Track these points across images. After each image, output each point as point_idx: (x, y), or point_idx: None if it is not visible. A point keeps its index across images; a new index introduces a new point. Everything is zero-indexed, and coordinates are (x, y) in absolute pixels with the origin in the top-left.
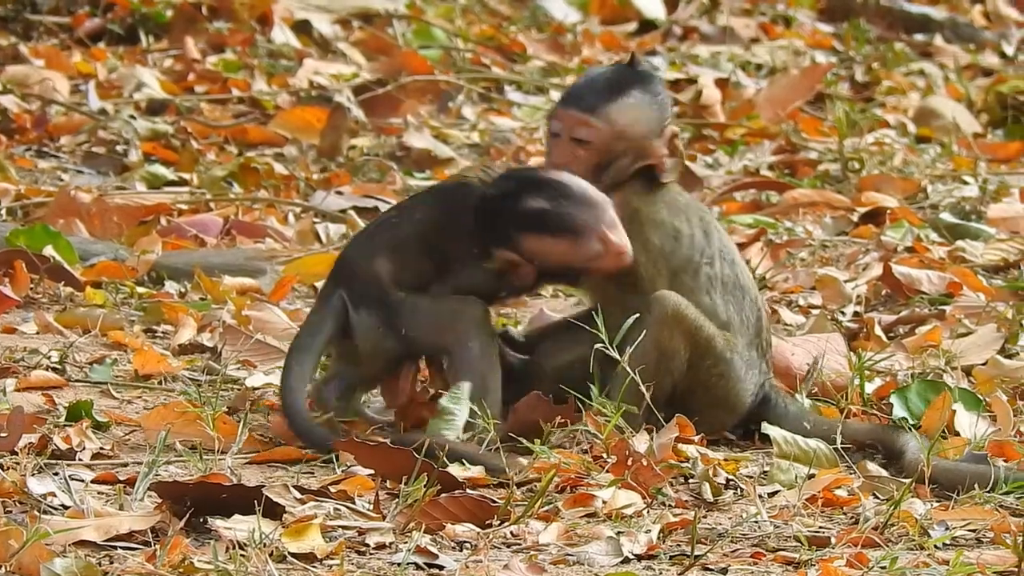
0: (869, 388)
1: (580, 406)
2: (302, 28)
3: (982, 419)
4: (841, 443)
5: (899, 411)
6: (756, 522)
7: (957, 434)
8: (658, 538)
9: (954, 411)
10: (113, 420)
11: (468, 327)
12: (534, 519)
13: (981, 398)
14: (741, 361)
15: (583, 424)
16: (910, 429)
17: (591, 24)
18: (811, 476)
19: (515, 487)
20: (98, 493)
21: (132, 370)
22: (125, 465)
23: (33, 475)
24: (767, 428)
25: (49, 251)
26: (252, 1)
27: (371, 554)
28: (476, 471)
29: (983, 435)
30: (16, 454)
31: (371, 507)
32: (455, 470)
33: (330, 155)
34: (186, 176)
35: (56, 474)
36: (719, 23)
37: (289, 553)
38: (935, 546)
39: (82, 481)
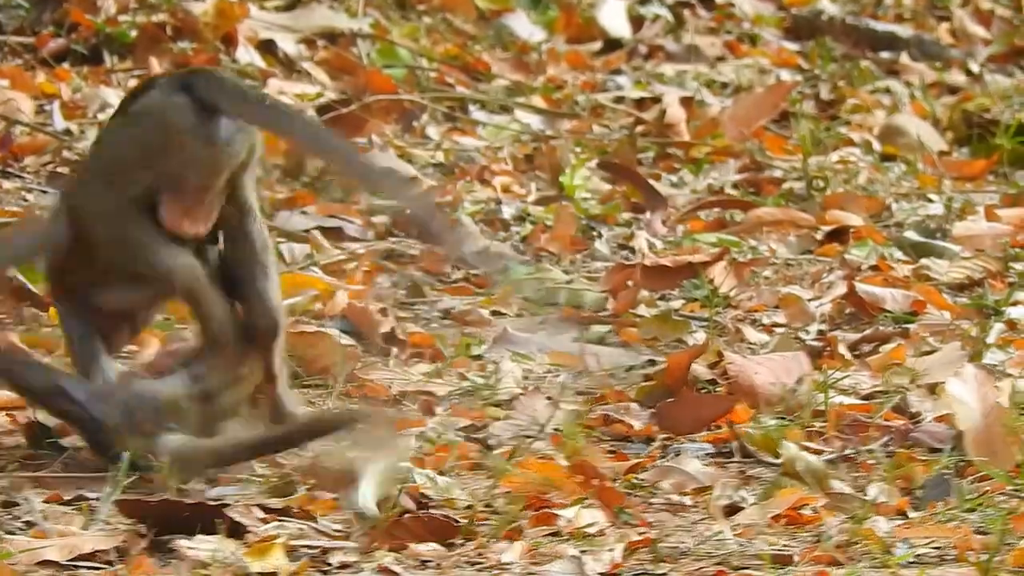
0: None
1: None
2: (267, 48)
3: None
4: None
5: None
6: (720, 540)
7: None
8: (621, 557)
9: None
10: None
11: None
12: (497, 539)
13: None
14: None
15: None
16: None
17: (556, 43)
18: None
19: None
20: (62, 513)
21: None
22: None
23: None
24: None
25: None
26: (216, 21)
27: (334, 573)
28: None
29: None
30: None
31: (335, 526)
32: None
33: (294, 174)
34: None
35: (20, 496)
36: (684, 42)
37: (252, 572)
38: (898, 564)
39: (46, 501)
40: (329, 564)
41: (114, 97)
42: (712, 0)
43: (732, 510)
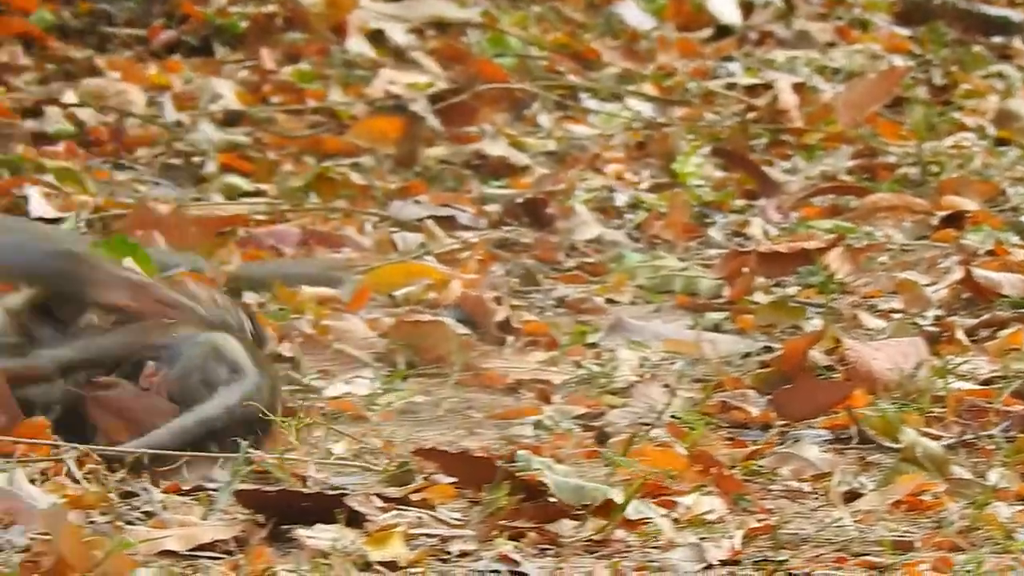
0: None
1: None
2: (377, 37)
3: None
4: None
5: None
6: (840, 526)
7: None
8: (741, 544)
9: None
10: None
11: None
12: (616, 526)
13: None
14: None
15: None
16: None
17: (666, 30)
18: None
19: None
20: (181, 503)
21: None
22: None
23: (117, 483)
24: None
25: (128, 262)
26: (327, 11)
27: (453, 562)
28: None
29: None
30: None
31: (454, 515)
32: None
33: (406, 164)
34: (263, 187)
35: (142, 486)
36: (795, 27)
37: (372, 561)
38: (1021, 550)
39: (165, 492)
40: (448, 553)
41: (225, 88)
42: None
43: (852, 496)
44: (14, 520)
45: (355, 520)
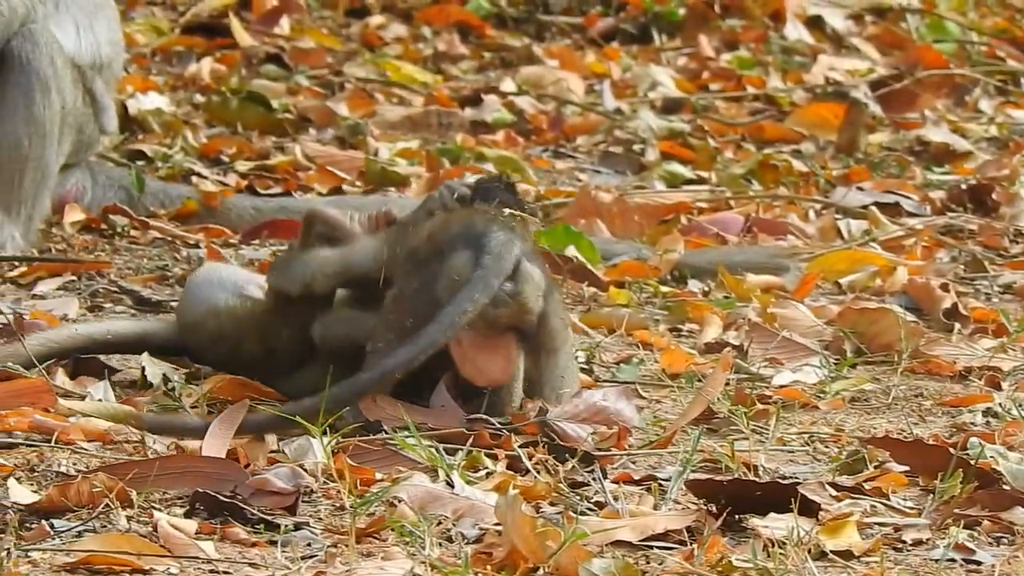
0: None
1: None
2: (815, 24)
3: None
4: None
5: None
6: None
7: None
8: None
9: None
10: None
11: None
12: None
13: None
14: None
15: None
16: None
17: None
18: None
19: None
20: (632, 493)
21: (659, 369)
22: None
23: (567, 474)
24: None
25: (571, 251)
26: None
27: (908, 551)
28: None
29: None
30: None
31: (907, 504)
32: None
33: (848, 151)
34: (704, 174)
35: (591, 473)
36: None
37: (827, 550)
38: None
39: (615, 482)
40: (903, 542)
41: (664, 76)
42: None
43: None
44: (464, 513)
45: (808, 509)
